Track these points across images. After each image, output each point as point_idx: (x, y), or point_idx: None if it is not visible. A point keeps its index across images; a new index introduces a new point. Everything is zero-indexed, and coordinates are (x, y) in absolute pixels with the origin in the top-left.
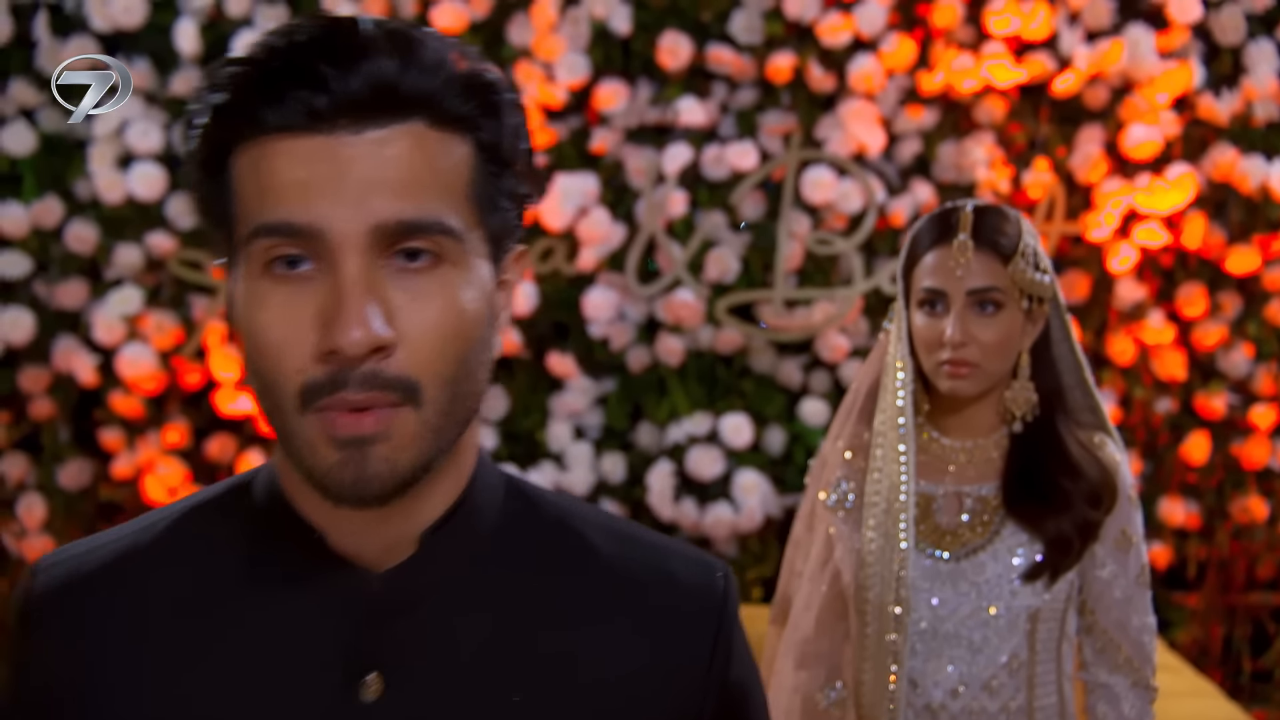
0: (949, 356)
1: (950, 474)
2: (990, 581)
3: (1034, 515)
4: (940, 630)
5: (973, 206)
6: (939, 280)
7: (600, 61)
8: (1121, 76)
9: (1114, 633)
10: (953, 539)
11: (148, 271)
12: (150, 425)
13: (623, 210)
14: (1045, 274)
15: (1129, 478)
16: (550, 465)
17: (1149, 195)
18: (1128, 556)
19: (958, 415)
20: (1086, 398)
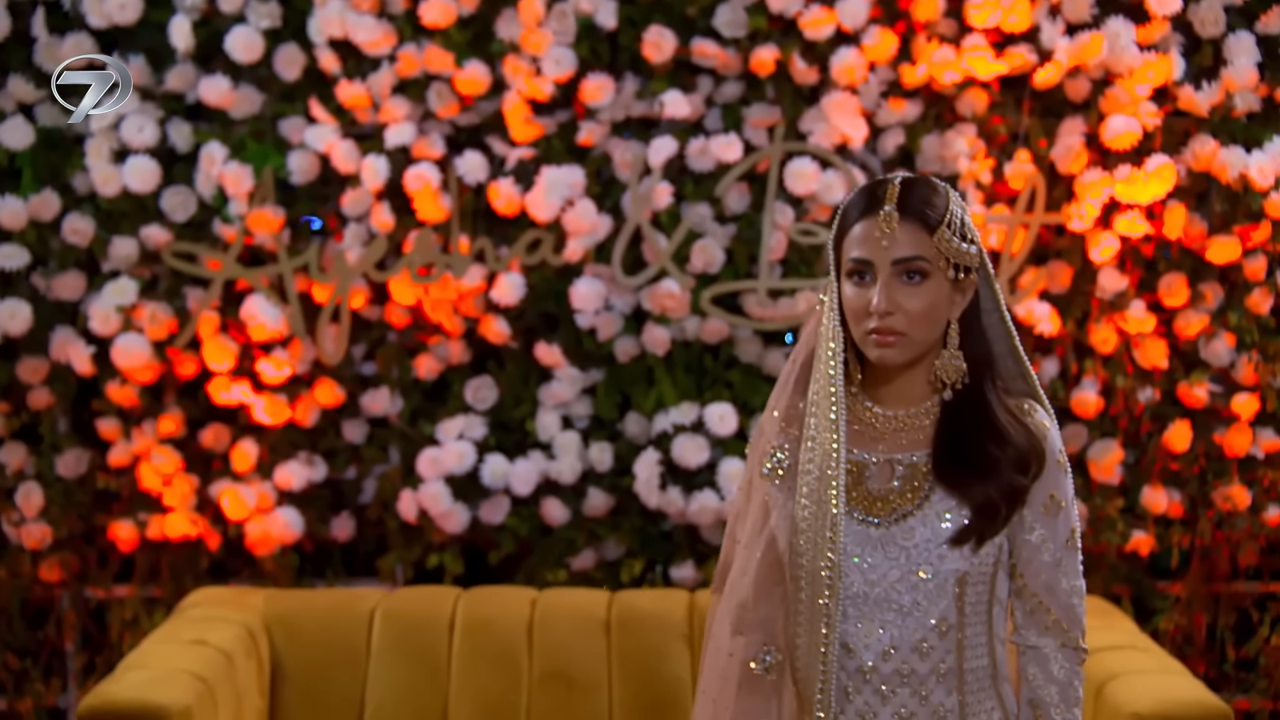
0: (876, 325)
1: (883, 442)
2: (919, 546)
3: (961, 481)
4: (871, 594)
5: (900, 179)
6: (865, 251)
7: (587, 56)
8: (1102, 69)
9: (1043, 596)
10: (883, 505)
11: (143, 264)
12: (146, 415)
13: (609, 202)
14: (972, 244)
15: (1057, 443)
16: (539, 454)
17: (1129, 186)
18: (1056, 521)
19: (890, 385)
20: (1017, 365)
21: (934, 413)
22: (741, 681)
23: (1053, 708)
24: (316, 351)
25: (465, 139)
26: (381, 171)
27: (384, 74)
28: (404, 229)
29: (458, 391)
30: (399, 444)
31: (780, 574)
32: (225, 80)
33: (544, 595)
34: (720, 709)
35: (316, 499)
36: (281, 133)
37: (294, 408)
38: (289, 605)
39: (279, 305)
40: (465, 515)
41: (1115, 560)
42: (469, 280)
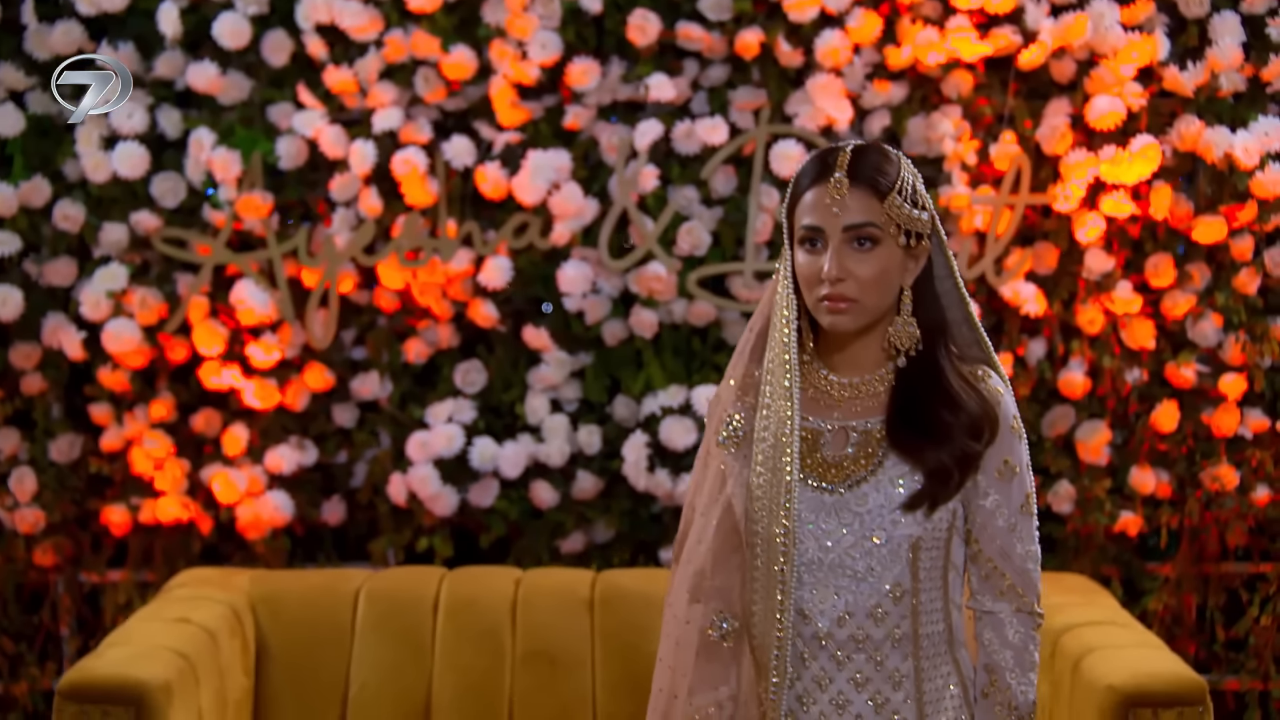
0: (827, 292)
1: (838, 409)
2: (873, 511)
3: (915, 447)
4: (825, 560)
5: (852, 146)
6: (816, 217)
7: (573, 40)
8: (1086, 49)
9: (998, 561)
10: (838, 471)
11: (133, 249)
12: (138, 400)
13: (596, 186)
14: (924, 210)
15: (1011, 408)
16: (527, 437)
17: (1115, 166)
18: (1010, 486)
19: (844, 352)
20: (972, 332)
21: (888, 379)
22: (699, 649)
23: (1008, 672)
24: (306, 336)
25: (452, 124)
26: (369, 156)
27: (371, 59)
28: (392, 213)
29: (447, 375)
30: (389, 428)
31: (737, 541)
32: (213, 67)
33: (528, 575)
34: (678, 676)
35: (307, 483)
36: (270, 118)
37: (284, 392)
38: (274, 585)
39: (268, 290)
40: (454, 498)
41: (1104, 541)
42: (456, 264)
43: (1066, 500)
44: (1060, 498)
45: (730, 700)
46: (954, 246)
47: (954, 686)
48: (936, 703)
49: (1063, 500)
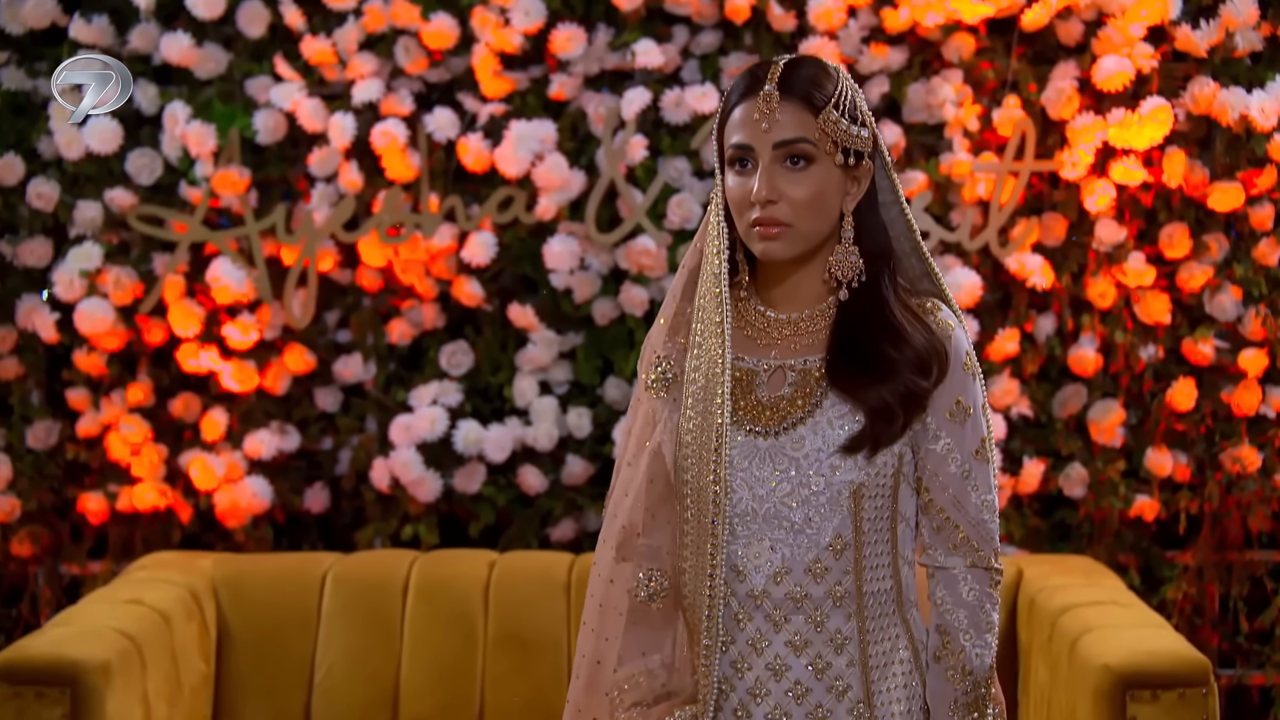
0: (758, 216)
1: (775, 348)
2: (809, 456)
3: (855, 385)
4: (760, 511)
5: (786, 59)
6: (745, 135)
7: (559, 7)
8: (1094, 8)
9: (950, 510)
10: (773, 414)
11: (109, 229)
12: (115, 384)
13: (584, 159)
14: (864, 127)
15: (964, 344)
16: (515, 420)
17: (1124, 130)
18: (964, 429)
19: (781, 285)
20: (921, 264)
21: (830, 315)
22: (628, 611)
23: (961, 633)
24: (285, 316)
25: (436, 96)
26: (349, 130)
27: (350, 29)
28: (373, 189)
29: (433, 357)
30: (374, 412)
31: (667, 492)
32: (186, 38)
33: (504, 558)
34: (603, 642)
35: (290, 469)
36: (248, 92)
37: (263, 375)
38: (238, 568)
39: (245, 268)
40: (438, 483)
41: (1119, 527)
42: (439, 240)
43: (1079, 484)
44: (1072, 481)
45: (663, 668)
46: (956, 217)
47: (904, 650)
48: (884, 668)
49: (1075, 484)
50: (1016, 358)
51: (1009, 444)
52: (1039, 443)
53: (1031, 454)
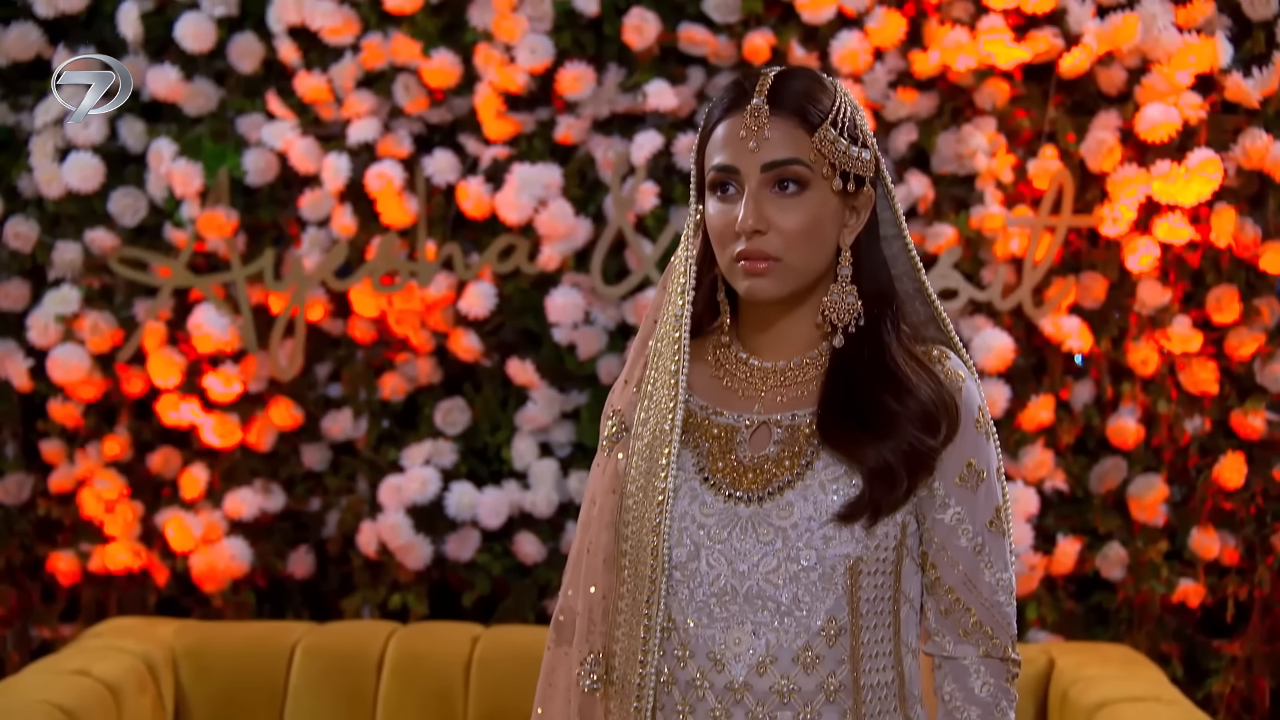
0: (743, 248)
1: (760, 400)
2: (799, 525)
3: (851, 442)
4: (741, 590)
5: (776, 70)
6: (730, 155)
7: (568, 46)
8: (1137, 54)
9: (961, 591)
10: (756, 476)
11: (90, 272)
12: (91, 436)
13: (592, 206)
14: (865, 149)
15: (977, 398)
16: (513, 483)
17: (1169, 184)
18: (976, 496)
19: (768, 330)
20: (927, 307)
21: (822, 363)
22: (579, 705)
23: None
24: (270, 367)
25: (437, 138)
26: (343, 171)
27: (347, 65)
28: (367, 234)
29: (428, 415)
30: (365, 472)
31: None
32: (174, 71)
33: (489, 633)
34: None
35: (274, 531)
36: (239, 130)
37: (247, 430)
38: (201, 637)
39: (229, 316)
40: (428, 550)
41: (1161, 613)
42: (436, 290)
43: (1118, 565)
44: (1110, 562)
45: None
46: (987, 275)
47: None
48: None
49: (1113, 565)
50: (1051, 427)
51: (1042, 520)
52: (1074, 520)
53: (1066, 532)
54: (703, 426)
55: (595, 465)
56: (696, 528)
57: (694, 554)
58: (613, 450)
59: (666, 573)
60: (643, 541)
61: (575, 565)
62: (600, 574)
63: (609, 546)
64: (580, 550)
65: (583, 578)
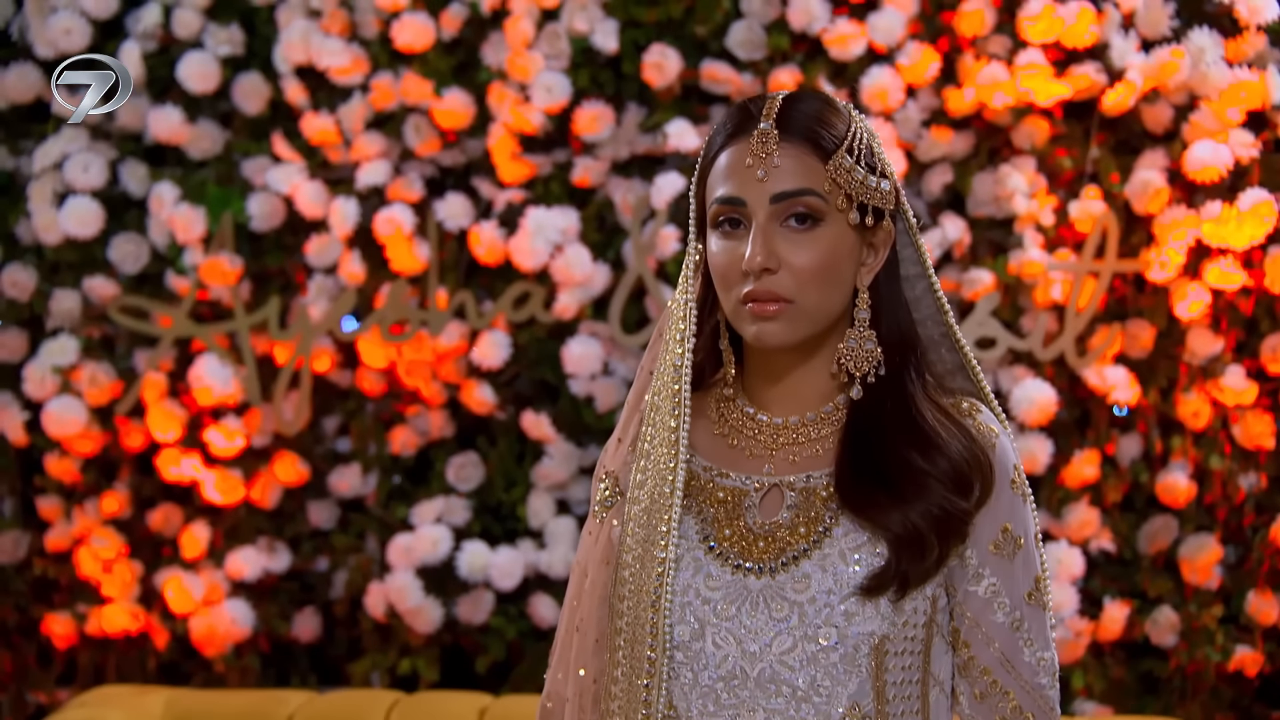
0: (751, 289)
1: (771, 460)
2: (817, 600)
3: (874, 506)
4: (753, 673)
5: (784, 92)
6: (735, 185)
7: (586, 85)
8: (1184, 90)
9: (997, 672)
10: (768, 545)
11: (90, 321)
12: (90, 492)
13: (611, 252)
14: (884, 178)
15: (1012, 456)
16: (528, 543)
17: (1220, 227)
18: (1014, 565)
19: (779, 382)
20: (955, 354)
21: (839, 418)
22: None
23: None
24: (275, 421)
25: (450, 181)
26: (351, 216)
27: (356, 106)
28: (376, 281)
29: (439, 470)
30: (375, 530)
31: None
32: (177, 113)
33: (498, 703)
34: None
35: (278, 592)
36: (245, 173)
37: (250, 486)
38: (191, 707)
39: (232, 367)
40: (438, 613)
41: (1216, 682)
42: (447, 339)
43: (1169, 631)
44: (1161, 628)
45: None
46: (1027, 323)
47: None
48: None
49: (1164, 631)
50: (1096, 484)
51: (1088, 583)
52: (1122, 582)
53: (1114, 595)
54: (706, 489)
55: (586, 534)
56: (701, 603)
57: (698, 632)
58: (606, 517)
59: (667, 654)
60: (640, 618)
61: (564, 645)
62: (591, 656)
63: (602, 625)
64: (569, 629)
65: (572, 659)
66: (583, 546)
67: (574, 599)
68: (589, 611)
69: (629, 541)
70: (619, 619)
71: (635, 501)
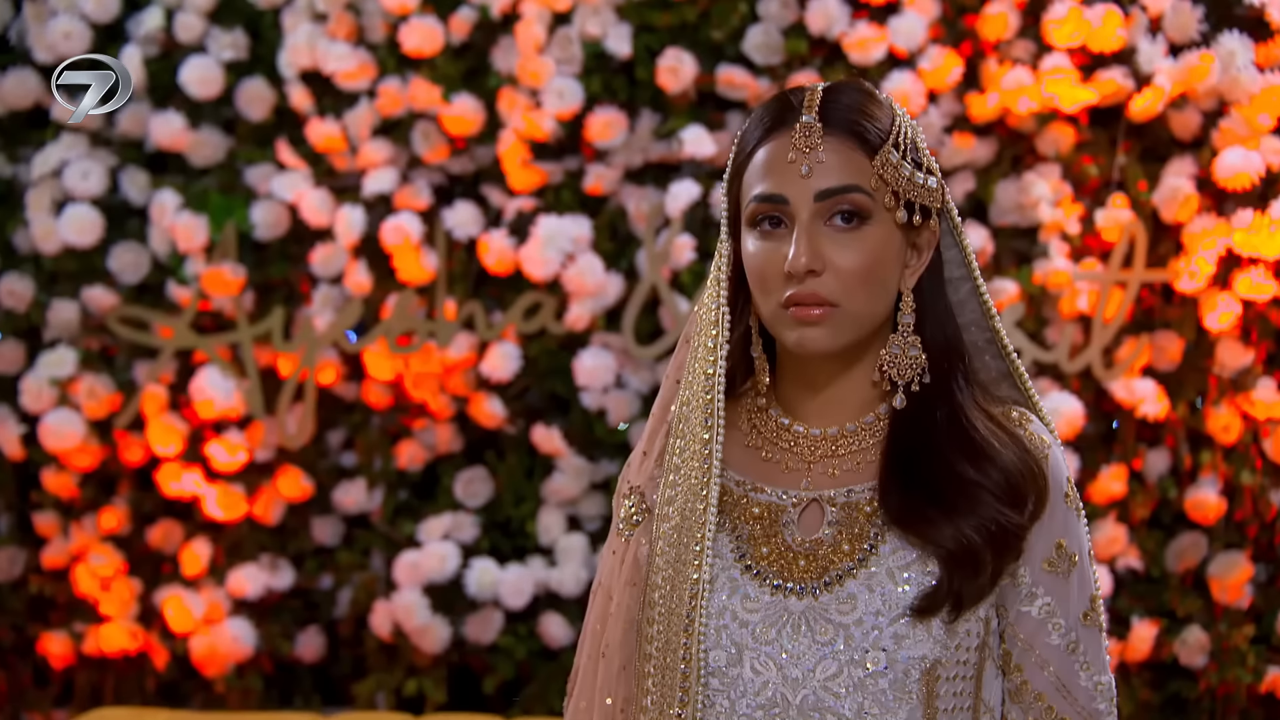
0: (794, 292)
1: (808, 474)
2: (864, 622)
3: (924, 521)
4: (795, 701)
5: (824, 84)
6: (775, 182)
7: (599, 91)
8: (1214, 96)
9: (1052, 698)
10: (810, 564)
11: (89, 332)
12: (88, 508)
13: (624, 261)
14: (930, 174)
15: (1064, 468)
16: (538, 560)
17: (1251, 236)
18: (1069, 584)
19: (817, 391)
20: (1002, 361)
21: (881, 429)
22: None
23: None
24: (279, 434)
25: (459, 190)
26: (358, 225)
27: (362, 112)
28: (383, 291)
29: (447, 486)
30: (381, 547)
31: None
32: (180, 120)
33: None
34: None
35: (281, 611)
36: (248, 181)
37: (253, 501)
38: None
39: (235, 379)
40: (446, 632)
41: (1247, 704)
42: (456, 351)
43: (1198, 652)
44: (1190, 648)
45: None
46: (1053, 334)
47: None
48: None
49: (1194, 651)
50: (1123, 500)
51: (1114, 602)
52: (1150, 601)
53: (1141, 614)
54: (741, 505)
55: (609, 553)
56: (738, 626)
57: (735, 658)
58: (633, 535)
59: (702, 680)
60: (672, 643)
61: (586, 673)
62: (618, 682)
63: (628, 650)
64: (593, 655)
65: (598, 687)
66: (604, 567)
67: (597, 623)
68: (615, 636)
69: (658, 562)
70: (648, 644)
71: (665, 519)
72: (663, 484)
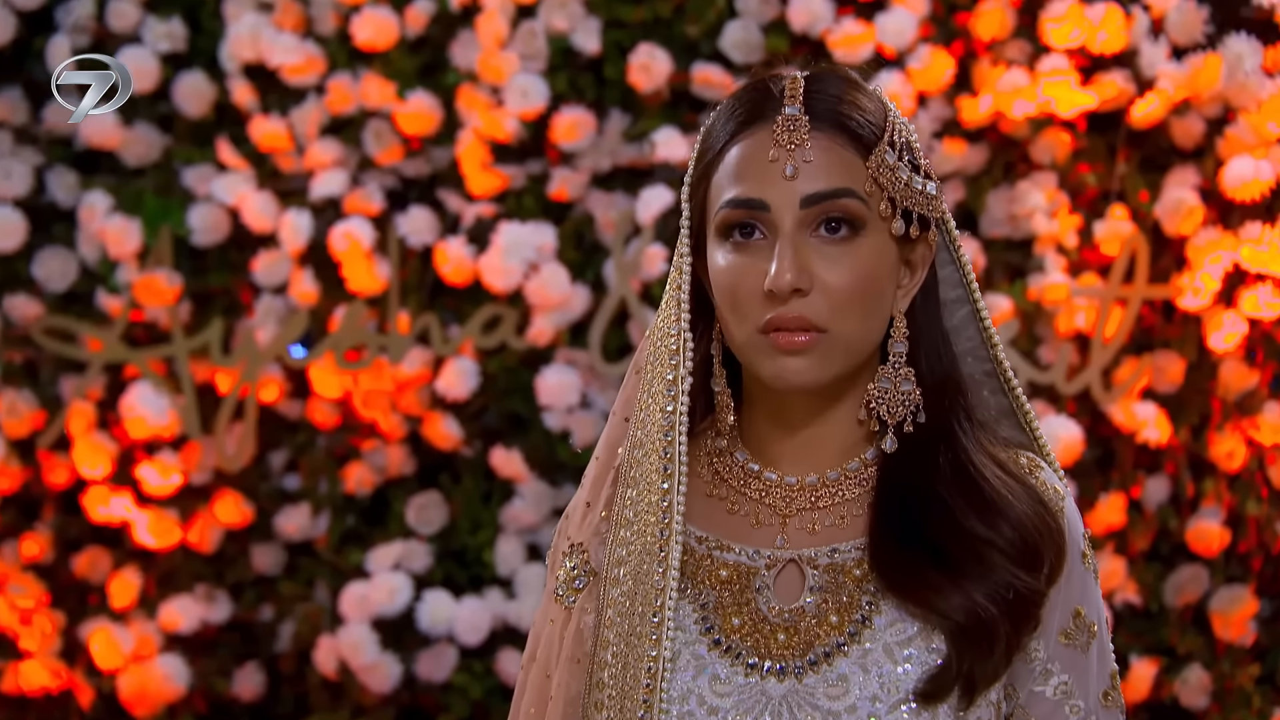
0: (775, 315)
1: (783, 530)
2: (858, 710)
3: (927, 586)
4: None
5: (805, 72)
6: (753, 185)
7: (565, 90)
8: (1219, 101)
9: None
10: (790, 638)
11: (9, 344)
12: (8, 534)
13: (590, 271)
14: (929, 179)
15: (1080, 525)
16: (496, 592)
17: (1258, 250)
18: (1088, 658)
19: (794, 433)
20: (1005, 397)
21: (868, 476)
22: None
23: None
24: (216, 456)
25: (414, 193)
26: (304, 230)
27: (310, 109)
28: (331, 302)
29: (398, 512)
30: (326, 577)
31: None
32: (112, 116)
33: None
34: None
35: (218, 646)
36: (186, 183)
37: (188, 528)
38: None
39: (169, 396)
40: (396, 670)
41: None
42: (409, 367)
43: (1200, 692)
44: (1191, 688)
45: None
46: (1048, 354)
47: None
48: None
49: (1195, 692)
50: (1121, 531)
51: (1111, 639)
52: (1149, 638)
53: (1139, 652)
54: (705, 567)
55: (545, 621)
56: (706, 713)
57: None
58: (576, 602)
59: None
60: None
61: None
62: None
63: None
64: None
65: None
66: (540, 640)
67: (531, 706)
68: (532, 690)
69: (608, 635)
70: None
71: (615, 583)
72: (611, 541)
